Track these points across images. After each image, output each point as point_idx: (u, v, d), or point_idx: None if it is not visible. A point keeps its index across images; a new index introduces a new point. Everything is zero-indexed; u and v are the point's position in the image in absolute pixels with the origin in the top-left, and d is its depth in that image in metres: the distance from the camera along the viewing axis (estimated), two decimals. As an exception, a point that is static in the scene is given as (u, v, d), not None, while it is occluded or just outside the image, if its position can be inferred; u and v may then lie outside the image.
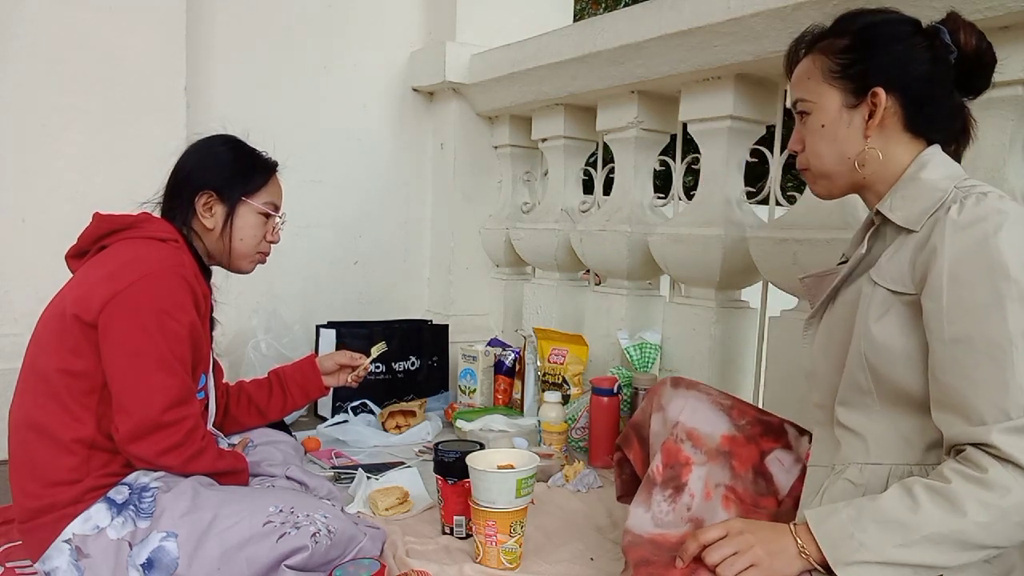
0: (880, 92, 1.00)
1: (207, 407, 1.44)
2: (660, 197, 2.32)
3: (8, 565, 1.36)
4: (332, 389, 1.84)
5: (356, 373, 1.75)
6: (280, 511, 1.23)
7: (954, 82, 1.02)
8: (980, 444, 0.86)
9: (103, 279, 1.24)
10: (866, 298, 1.01)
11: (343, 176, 2.67)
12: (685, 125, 2.13)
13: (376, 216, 2.77)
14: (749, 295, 2.12)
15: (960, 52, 1.01)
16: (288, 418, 1.97)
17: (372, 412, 2.33)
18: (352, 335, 2.35)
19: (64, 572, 1.20)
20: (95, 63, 2.08)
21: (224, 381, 1.64)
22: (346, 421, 2.27)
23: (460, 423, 2.18)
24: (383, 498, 1.63)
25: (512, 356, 2.44)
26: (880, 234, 1.06)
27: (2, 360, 1.92)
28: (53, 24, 2.02)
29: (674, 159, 2.26)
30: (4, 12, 1.97)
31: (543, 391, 2.20)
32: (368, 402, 2.35)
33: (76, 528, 1.20)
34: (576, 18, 3.25)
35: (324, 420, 2.31)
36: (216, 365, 1.54)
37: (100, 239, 1.33)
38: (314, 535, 1.22)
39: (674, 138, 2.31)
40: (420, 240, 2.90)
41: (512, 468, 1.38)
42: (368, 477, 1.75)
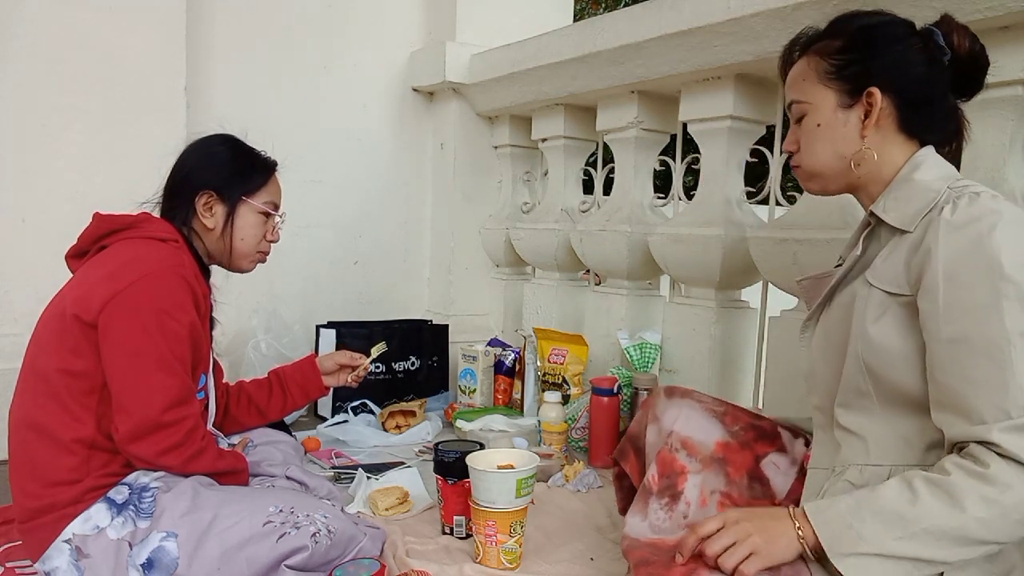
0: (876, 92, 1.01)
1: (207, 407, 1.44)
2: (660, 197, 2.32)
3: (8, 565, 1.36)
4: (332, 389, 1.84)
5: (356, 373, 1.75)
6: (280, 511, 1.23)
7: (948, 84, 1.03)
8: (981, 442, 0.86)
9: (103, 279, 1.24)
10: (862, 300, 1.01)
11: (343, 176, 2.67)
12: (685, 125, 2.13)
13: (376, 216, 2.77)
14: (749, 295, 2.12)
15: (954, 54, 1.01)
16: (288, 418, 1.97)
17: (372, 412, 2.33)
18: (352, 335, 2.35)
19: (64, 572, 1.20)
20: (95, 63, 2.08)
21: (224, 381, 1.64)
22: (346, 421, 2.27)
23: (460, 423, 2.18)
24: (383, 498, 1.63)
25: (512, 356, 2.44)
26: (875, 235, 1.07)
27: (2, 360, 1.92)
28: (53, 24, 2.02)
29: (674, 159, 2.26)
30: (4, 12, 1.97)
31: (543, 391, 2.20)
32: (368, 402, 2.35)
33: (76, 528, 1.20)
34: (576, 18, 3.25)
35: (324, 420, 2.31)
36: (216, 365, 1.54)
37: (100, 239, 1.33)
38: (314, 535, 1.22)
39: (674, 138, 2.31)
40: (420, 240, 2.90)
41: (512, 468, 1.38)
42: (368, 477, 1.75)
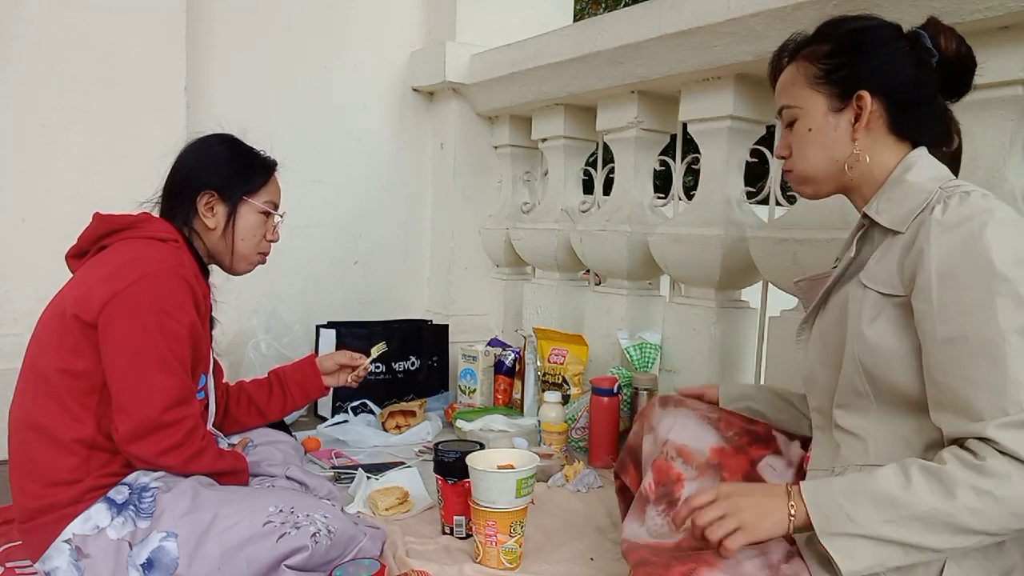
0: (865, 95, 1.02)
1: (207, 407, 1.44)
2: (660, 197, 2.32)
3: (8, 565, 1.36)
4: (332, 389, 1.84)
5: (356, 373, 1.75)
6: (280, 511, 1.23)
7: (937, 85, 1.04)
8: (979, 439, 0.87)
9: (103, 279, 1.24)
10: (856, 301, 1.01)
11: (343, 176, 2.67)
12: (685, 125, 2.13)
13: (376, 216, 2.77)
14: (749, 295, 2.12)
15: (941, 56, 1.02)
16: (288, 418, 1.97)
17: (372, 412, 2.33)
18: (352, 335, 2.35)
19: (64, 572, 1.20)
20: (95, 63, 2.08)
21: (224, 381, 1.64)
22: (346, 421, 2.27)
23: (460, 423, 2.18)
24: (383, 498, 1.63)
25: (512, 356, 2.44)
26: (868, 237, 1.07)
27: (2, 360, 1.92)
28: (53, 24, 2.02)
29: (674, 159, 2.27)
30: (4, 12, 1.97)
31: (543, 391, 2.20)
32: (368, 402, 2.35)
33: (76, 528, 1.20)
34: (576, 18, 3.25)
35: (324, 420, 2.31)
36: (216, 365, 1.54)
37: (100, 239, 1.33)
38: (314, 535, 1.22)
39: (674, 138, 2.31)
40: (420, 240, 2.90)
41: (512, 468, 1.39)
42: (368, 477, 1.75)
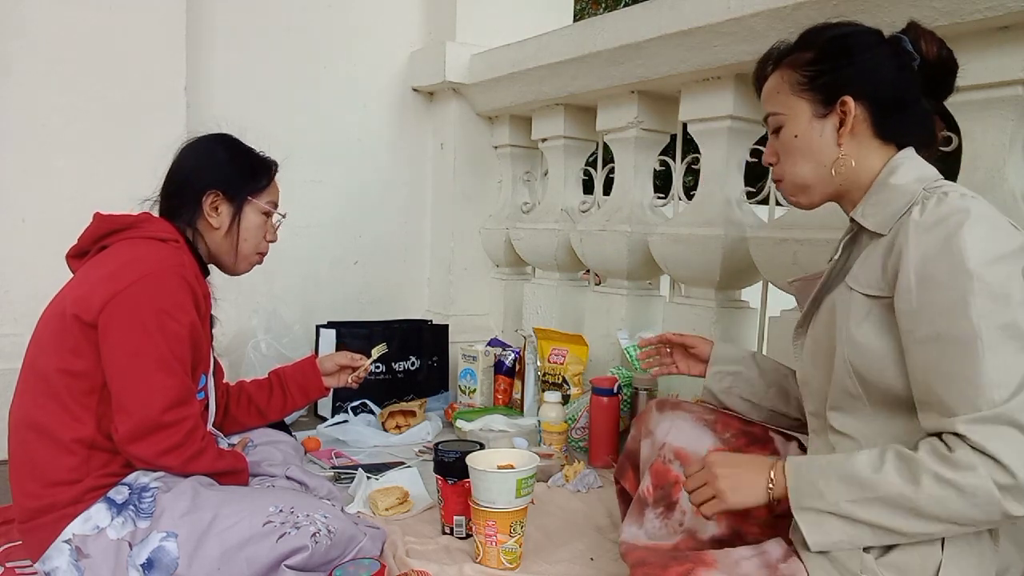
0: (849, 100, 1.03)
1: (207, 407, 1.44)
2: (660, 197, 2.32)
3: (8, 565, 1.36)
4: (332, 389, 1.84)
5: (356, 374, 1.75)
6: (280, 511, 1.23)
7: (920, 88, 1.05)
8: (952, 434, 0.88)
9: (103, 279, 1.24)
10: (844, 304, 1.02)
11: (343, 176, 2.67)
12: (685, 125, 2.13)
13: (376, 216, 2.77)
14: (749, 295, 2.12)
15: (923, 59, 1.03)
16: (288, 418, 1.97)
17: (372, 412, 2.33)
18: (352, 335, 2.35)
19: (64, 572, 1.20)
20: (95, 63, 2.08)
21: (224, 381, 1.64)
22: (346, 421, 2.27)
23: (460, 423, 2.18)
24: (383, 498, 1.63)
25: (512, 356, 2.44)
26: (857, 240, 1.09)
27: (2, 360, 1.92)
28: (53, 24, 2.02)
29: (674, 159, 2.26)
30: (5, 12, 1.97)
31: (543, 391, 2.20)
32: (368, 402, 2.35)
33: (76, 528, 1.20)
34: (576, 18, 3.25)
35: (324, 420, 2.31)
36: (217, 365, 1.54)
37: (101, 239, 1.33)
38: (314, 535, 1.22)
39: (674, 138, 2.31)
40: (420, 240, 2.90)
41: (512, 468, 1.39)
42: (368, 477, 1.75)
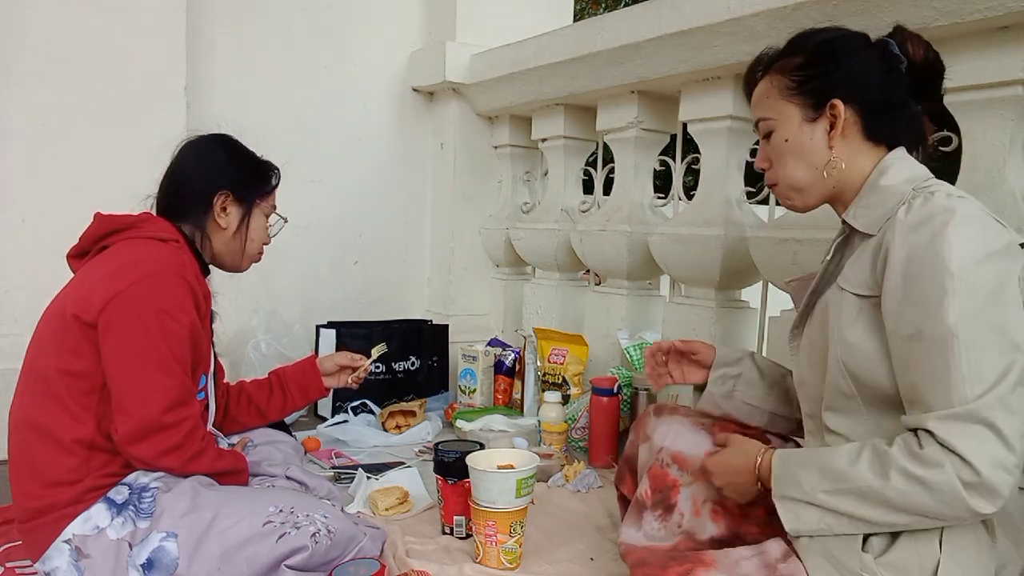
0: (838, 104, 1.04)
1: (207, 407, 1.44)
2: (660, 197, 2.32)
3: (8, 565, 1.36)
4: (332, 390, 1.84)
5: (356, 374, 1.75)
6: (280, 511, 1.23)
7: (908, 90, 1.06)
8: (923, 429, 0.90)
9: (104, 279, 1.24)
10: (836, 305, 1.03)
11: (343, 176, 2.67)
12: (685, 125, 2.13)
13: (376, 216, 2.77)
14: (749, 295, 2.12)
15: (910, 62, 1.05)
16: (288, 418, 1.97)
17: (372, 412, 2.33)
18: (352, 335, 2.35)
19: (64, 572, 1.20)
20: (95, 63, 2.08)
21: (224, 381, 1.64)
22: (346, 421, 2.27)
23: (460, 423, 2.18)
24: (383, 498, 1.63)
25: (512, 356, 2.44)
26: (849, 242, 1.10)
27: (2, 360, 1.92)
28: (54, 24, 2.02)
29: (674, 159, 2.26)
30: (5, 12, 1.97)
31: (543, 391, 2.20)
32: (368, 402, 2.35)
33: (76, 528, 1.20)
34: (576, 18, 3.25)
35: (324, 420, 2.31)
36: (217, 365, 1.54)
37: (101, 239, 1.33)
38: (314, 535, 1.22)
39: (674, 138, 2.31)
40: (420, 240, 2.90)
41: (512, 468, 1.39)
42: (368, 477, 1.75)
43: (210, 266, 1.49)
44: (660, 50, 1.95)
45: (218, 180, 1.42)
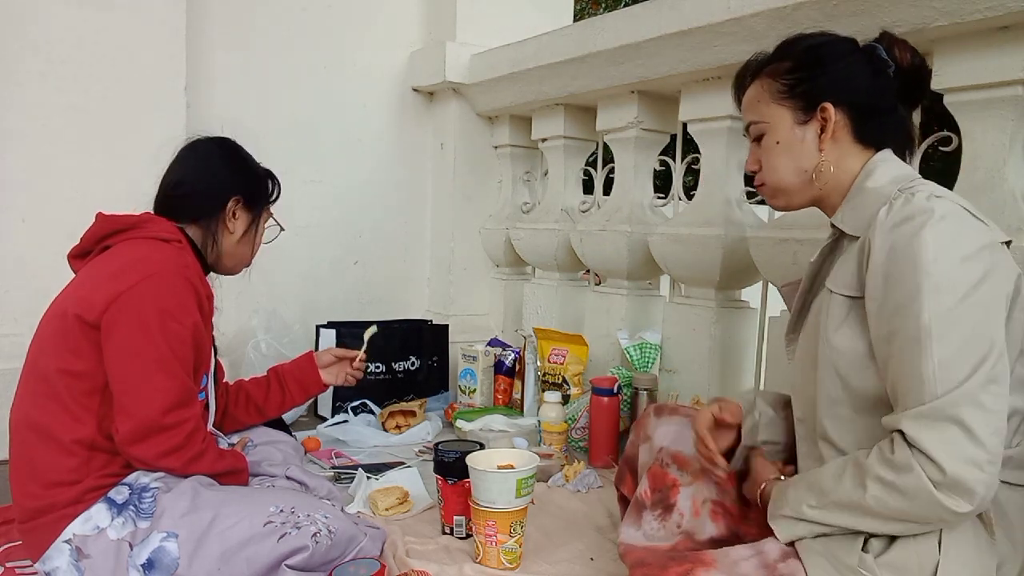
0: (829, 107, 1.06)
1: (207, 407, 1.44)
2: (660, 197, 2.32)
3: (8, 565, 1.36)
4: (332, 388, 1.84)
5: (354, 365, 1.75)
6: (280, 511, 1.23)
7: (896, 94, 1.07)
8: (897, 430, 0.90)
9: (107, 279, 1.24)
10: (826, 308, 1.04)
11: (343, 176, 2.67)
12: (685, 125, 2.13)
13: (376, 216, 2.77)
14: (749, 295, 2.12)
15: (897, 66, 1.06)
16: (288, 418, 1.97)
17: (372, 412, 2.33)
18: (352, 335, 2.34)
19: (64, 572, 1.20)
20: (95, 63, 2.08)
21: (224, 381, 1.64)
22: (346, 421, 2.27)
23: (460, 423, 2.18)
24: (383, 498, 1.63)
25: (512, 356, 2.44)
26: (838, 245, 1.11)
27: (2, 360, 1.91)
28: (53, 24, 2.02)
29: (674, 159, 2.26)
30: (5, 12, 1.97)
31: (543, 391, 2.20)
32: (368, 402, 2.35)
33: (76, 528, 1.20)
34: (576, 18, 3.25)
35: (324, 420, 2.31)
36: (218, 365, 1.54)
37: (103, 239, 1.33)
38: (314, 535, 1.22)
39: (674, 138, 2.31)
40: (420, 240, 2.90)
41: (512, 468, 1.39)
42: (368, 477, 1.75)
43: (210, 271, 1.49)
44: (660, 50, 1.95)
45: (232, 185, 1.44)
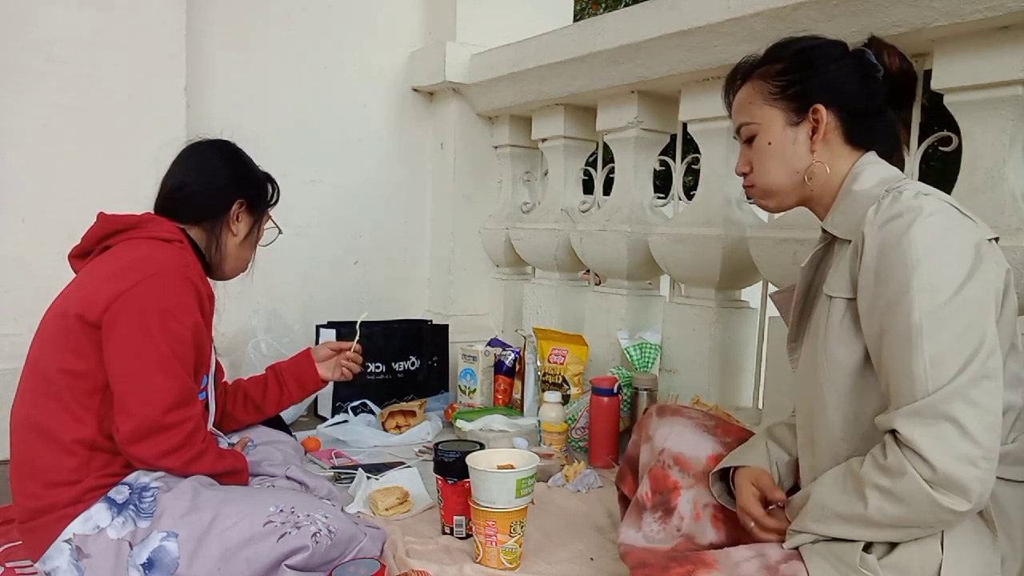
0: (820, 108, 1.06)
1: (206, 407, 1.44)
2: (660, 197, 2.32)
3: (8, 565, 1.36)
4: (332, 388, 1.84)
5: (350, 355, 1.75)
6: (281, 511, 1.23)
7: (885, 97, 1.08)
8: (891, 431, 0.90)
9: (108, 279, 1.24)
10: (826, 313, 1.04)
11: (343, 176, 2.67)
12: (685, 125, 2.13)
13: (376, 216, 2.77)
14: (749, 295, 2.12)
15: (886, 70, 1.07)
16: (288, 418, 1.97)
17: (372, 412, 2.33)
18: (352, 335, 2.34)
19: (64, 572, 1.19)
20: (95, 63, 2.08)
21: (223, 381, 1.64)
22: (346, 421, 2.27)
23: (460, 423, 2.18)
24: (383, 498, 1.63)
25: (512, 356, 2.44)
26: (830, 249, 1.11)
27: (2, 360, 1.92)
28: (53, 24, 2.02)
29: (674, 159, 2.26)
30: (5, 12, 1.97)
31: (543, 391, 2.20)
32: (368, 402, 2.35)
33: (76, 528, 1.20)
34: (576, 18, 3.25)
35: (324, 420, 2.31)
36: (217, 365, 1.54)
37: (104, 239, 1.33)
38: (315, 535, 1.22)
39: (674, 138, 2.31)
40: (420, 240, 2.90)
41: (512, 468, 1.39)
42: (368, 477, 1.75)
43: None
44: (660, 50, 1.95)
45: (235, 188, 1.44)
